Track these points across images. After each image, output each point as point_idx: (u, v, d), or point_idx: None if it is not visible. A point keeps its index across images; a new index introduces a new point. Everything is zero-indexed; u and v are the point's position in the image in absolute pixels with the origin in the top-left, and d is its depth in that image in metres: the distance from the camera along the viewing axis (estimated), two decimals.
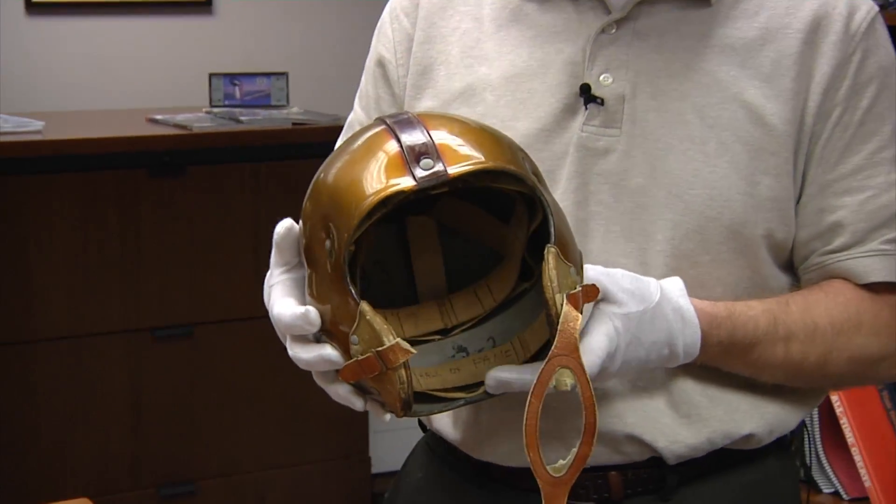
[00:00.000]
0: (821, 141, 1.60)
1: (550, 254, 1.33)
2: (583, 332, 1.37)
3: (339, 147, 1.44)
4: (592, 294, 1.35)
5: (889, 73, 1.63)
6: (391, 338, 1.29)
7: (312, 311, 1.34)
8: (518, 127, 1.55)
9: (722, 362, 1.55)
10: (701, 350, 1.49)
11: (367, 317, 1.30)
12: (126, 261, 3.60)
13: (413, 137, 1.34)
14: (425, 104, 1.65)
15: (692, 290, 1.52)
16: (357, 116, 1.77)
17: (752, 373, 1.58)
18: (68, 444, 3.58)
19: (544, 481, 1.29)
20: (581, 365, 1.30)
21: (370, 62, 1.76)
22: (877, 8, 1.63)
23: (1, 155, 3.43)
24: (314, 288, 1.38)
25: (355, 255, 1.36)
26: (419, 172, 1.30)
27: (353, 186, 1.33)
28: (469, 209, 1.52)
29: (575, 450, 1.30)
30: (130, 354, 3.64)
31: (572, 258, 1.37)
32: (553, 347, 1.30)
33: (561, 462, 1.31)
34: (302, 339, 1.37)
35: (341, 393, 1.37)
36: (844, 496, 3.17)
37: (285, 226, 1.39)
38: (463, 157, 1.32)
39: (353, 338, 1.31)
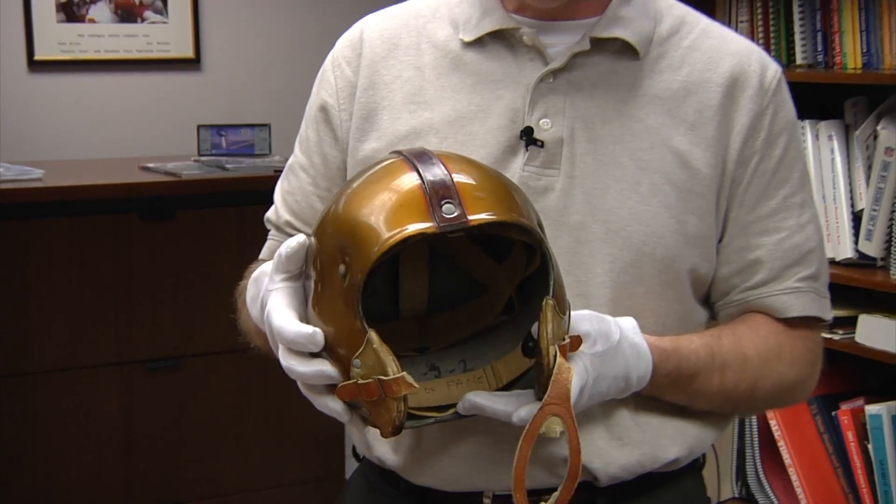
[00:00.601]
0: (741, 185, 1.62)
1: (549, 307, 1.33)
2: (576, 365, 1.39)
3: (356, 176, 1.41)
4: (576, 344, 1.36)
5: (795, 126, 1.68)
6: (396, 370, 1.28)
7: (320, 333, 1.32)
8: None
9: (665, 392, 1.55)
10: (650, 381, 1.50)
11: (375, 345, 1.28)
12: (119, 298, 3.60)
13: (433, 174, 1.32)
14: (370, 146, 1.64)
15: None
16: (298, 160, 1.74)
17: (690, 401, 1.59)
18: (65, 468, 3.57)
19: None
20: (571, 415, 1.32)
21: (312, 108, 1.73)
22: (781, 69, 1.68)
23: (4, 201, 3.44)
24: (320, 304, 1.35)
25: None
26: (440, 215, 1.28)
27: (375, 220, 1.31)
28: (462, 240, 1.49)
29: (557, 493, 1.32)
30: (124, 384, 3.63)
31: (563, 308, 1.37)
32: (546, 396, 1.30)
33: (550, 499, 1.33)
34: (299, 352, 1.35)
35: (331, 406, 1.34)
36: None
37: (299, 241, 1.37)
38: (482, 206, 1.31)
39: (356, 361, 1.30)
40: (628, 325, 1.49)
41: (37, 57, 4.10)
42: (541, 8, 1.59)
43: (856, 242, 3.08)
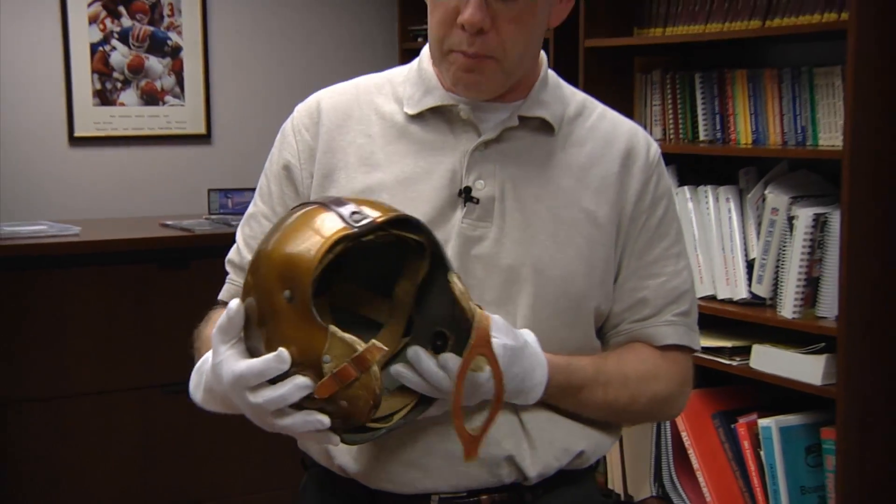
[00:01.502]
0: (632, 238, 1.65)
1: (455, 276, 1.37)
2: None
3: (277, 223, 1.40)
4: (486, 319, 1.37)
5: (672, 191, 1.71)
6: (362, 344, 1.28)
7: (284, 350, 1.29)
8: None
9: (558, 400, 1.55)
10: (545, 389, 1.51)
11: (338, 335, 1.28)
12: (140, 333, 3.61)
13: (345, 209, 1.34)
14: None
15: (543, 344, 1.52)
16: (259, 209, 1.68)
17: (578, 409, 1.59)
18: (91, 474, 3.56)
19: (465, 439, 1.35)
20: (493, 352, 1.35)
21: (274, 167, 1.68)
22: (658, 146, 1.73)
23: (46, 253, 3.46)
24: (274, 336, 1.32)
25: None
26: (354, 221, 1.31)
27: (305, 241, 1.31)
28: (355, 290, 1.49)
29: (486, 413, 1.37)
30: (144, 405, 3.63)
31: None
32: (471, 341, 1.33)
33: (476, 426, 1.38)
34: (264, 384, 1.31)
35: (309, 419, 1.31)
36: None
37: (237, 303, 1.35)
38: (385, 210, 1.34)
39: (326, 357, 1.28)
40: (531, 337, 1.50)
41: (76, 134, 4.05)
42: None
43: (749, 285, 3.14)
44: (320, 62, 4.50)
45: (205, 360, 1.49)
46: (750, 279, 3.16)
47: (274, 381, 1.31)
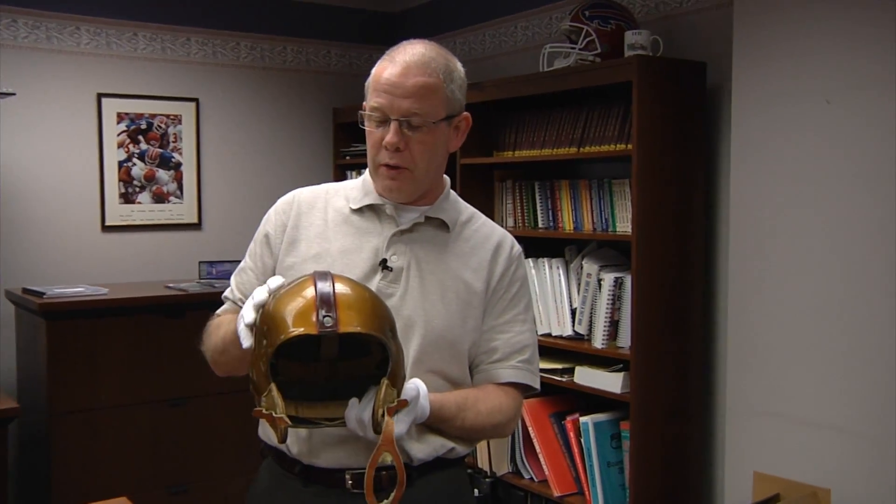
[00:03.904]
0: (492, 304, 1.62)
1: (384, 384, 1.30)
2: (398, 420, 1.36)
3: (285, 283, 1.35)
4: (402, 405, 1.33)
5: (526, 278, 1.67)
6: (282, 411, 1.24)
7: (249, 340, 1.31)
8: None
9: (435, 423, 1.51)
10: (428, 418, 1.48)
11: (273, 394, 1.25)
12: (151, 363, 3.56)
13: (323, 289, 1.27)
14: (291, 259, 1.58)
15: (426, 377, 1.50)
16: (247, 264, 1.65)
17: (447, 429, 1.54)
18: (114, 464, 3.48)
19: None
20: (396, 451, 1.30)
21: (260, 235, 1.64)
22: (521, 247, 1.70)
23: (83, 307, 3.38)
24: (254, 358, 1.30)
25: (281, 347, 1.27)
26: (321, 324, 1.23)
27: (283, 317, 1.25)
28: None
29: (392, 494, 1.32)
30: (154, 414, 3.58)
31: (396, 382, 1.33)
32: (380, 441, 1.28)
33: (385, 502, 1.31)
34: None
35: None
36: (535, 479, 3.21)
37: (261, 296, 1.35)
38: (350, 320, 1.25)
39: (262, 399, 1.26)
40: (424, 388, 1.46)
41: (107, 223, 4.01)
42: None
43: (573, 326, 3.14)
44: (279, 172, 4.46)
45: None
46: (573, 321, 3.16)
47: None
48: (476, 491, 3.23)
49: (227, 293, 1.69)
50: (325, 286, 1.27)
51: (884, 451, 2.39)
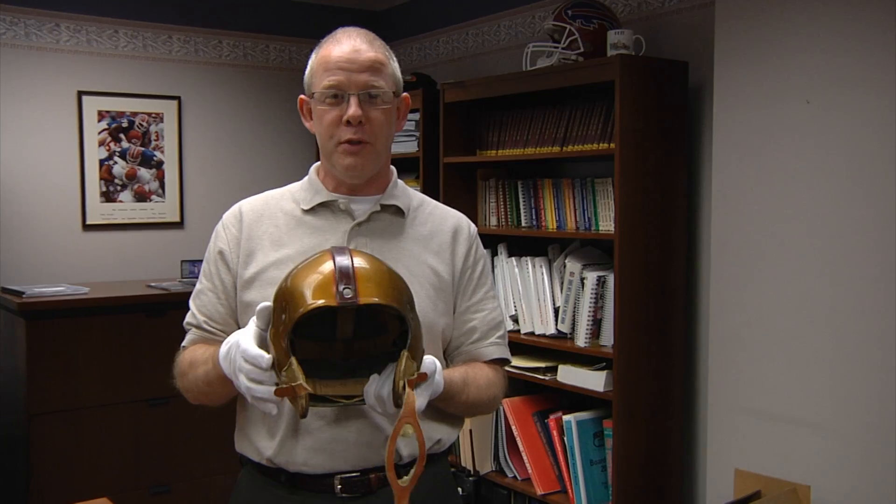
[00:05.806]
0: (462, 286, 1.62)
1: (404, 356, 1.27)
2: (418, 393, 1.33)
3: (299, 263, 1.34)
4: (423, 377, 1.31)
5: (486, 256, 1.68)
6: (302, 380, 1.23)
7: (268, 357, 1.27)
8: None
9: (445, 399, 1.48)
10: (439, 396, 1.45)
11: (293, 366, 1.24)
12: (132, 362, 3.55)
13: (342, 262, 1.26)
14: (250, 271, 1.55)
15: None
16: (204, 286, 1.60)
17: (450, 408, 1.53)
18: (97, 465, 3.48)
19: (396, 489, 1.26)
20: (418, 423, 1.27)
21: (212, 254, 1.60)
22: (475, 226, 1.70)
23: (64, 307, 3.38)
24: (273, 338, 1.29)
25: (300, 323, 1.25)
26: (340, 295, 1.23)
27: (302, 291, 1.24)
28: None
29: (413, 470, 1.28)
30: (135, 414, 3.57)
31: (415, 356, 1.31)
32: (401, 412, 1.25)
33: (405, 478, 1.28)
34: (254, 379, 1.29)
35: (270, 407, 1.30)
36: (518, 478, 3.23)
37: (265, 304, 1.32)
38: (370, 291, 1.24)
39: (283, 374, 1.25)
40: (439, 364, 1.44)
41: (88, 222, 4.00)
42: (349, 184, 1.57)
43: (556, 324, 3.14)
44: (262, 170, 4.47)
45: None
46: (556, 320, 3.15)
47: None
48: (460, 490, 3.22)
49: (188, 319, 1.62)
50: (343, 259, 1.27)
51: (863, 448, 2.40)
